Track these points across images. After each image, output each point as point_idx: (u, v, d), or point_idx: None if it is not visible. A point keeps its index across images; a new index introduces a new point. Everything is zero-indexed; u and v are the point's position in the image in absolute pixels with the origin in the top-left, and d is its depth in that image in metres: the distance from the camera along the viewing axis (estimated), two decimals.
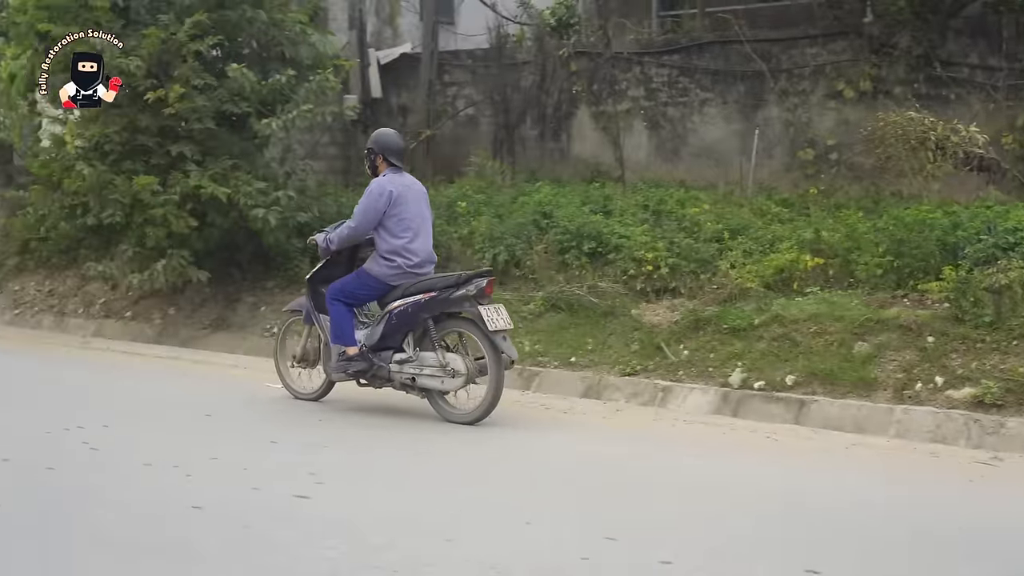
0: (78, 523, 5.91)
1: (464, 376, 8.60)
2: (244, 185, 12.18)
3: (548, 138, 16.23)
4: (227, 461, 7.26)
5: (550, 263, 11.86)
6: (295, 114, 12.54)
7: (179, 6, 12.84)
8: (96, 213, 12.47)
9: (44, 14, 12.56)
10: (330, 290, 9.08)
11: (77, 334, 13.43)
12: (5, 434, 7.86)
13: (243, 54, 13.41)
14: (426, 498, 6.53)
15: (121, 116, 12.51)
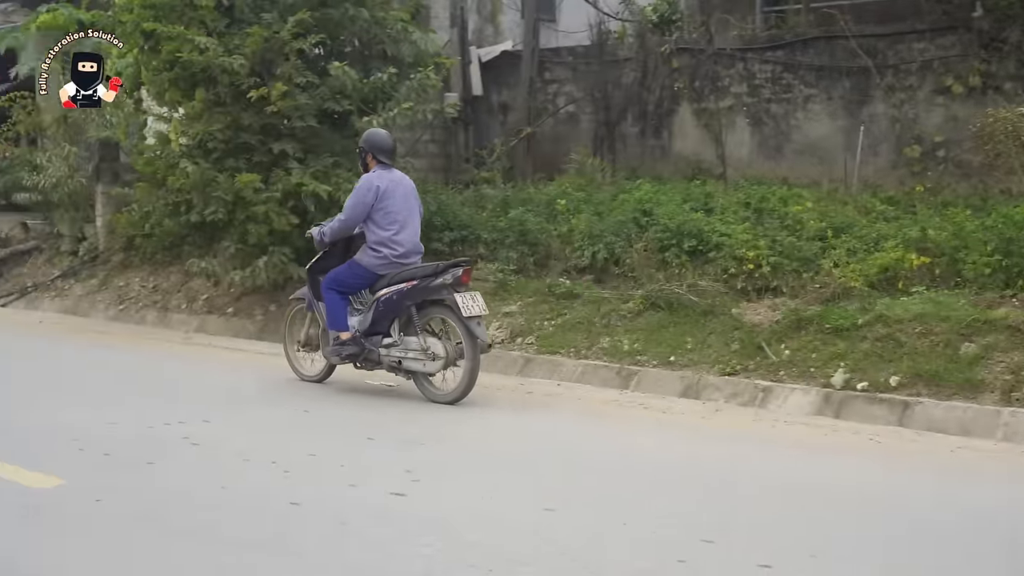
0: (177, 518, 5.97)
1: (444, 359, 9.21)
2: (344, 183, 12.21)
3: (649, 135, 16.12)
4: (324, 457, 7.29)
5: (650, 261, 11.76)
6: (396, 112, 12.57)
7: (282, 5, 12.92)
8: (199, 210, 12.60)
9: (149, 13, 12.70)
10: (325, 279, 9.71)
11: (180, 330, 13.59)
12: (108, 429, 7.96)
13: (345, 52, 13.46)
14: (521, 497, 6.50)
15: (225, 114, 12.62)
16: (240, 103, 12.59)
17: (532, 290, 12.11)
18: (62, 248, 16.92)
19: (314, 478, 6.78)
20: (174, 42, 12.38)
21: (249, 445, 7.57)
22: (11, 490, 6.42)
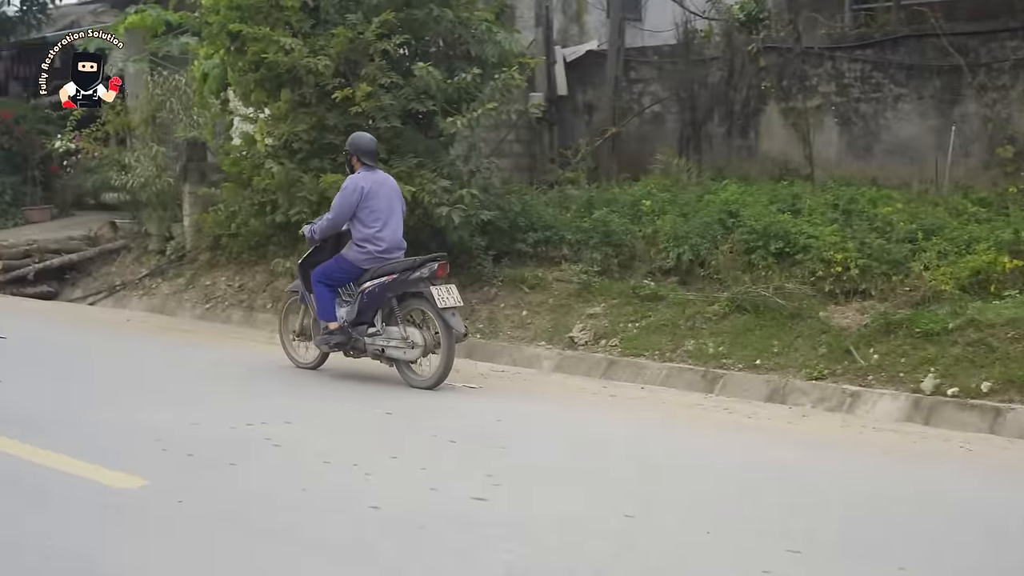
0: (258, 519, 5.97)
1: (422, 347, 9.90)
2: (428, 183, 12.21)
3: (735, 135, 15.96)
4: (406, 460, 7.27)
5: (735, 263, 11.63)
6: (480, 112, 12.53)
7: (367, 5, 12.92)
8: (284, 210, 12.65)
9: (236, 14, 12.77)
10: (314, 273, 10.43)
11: (264, 329, 13.64)
12: (191, 430, 8.00)
13: (429, 52, 13.46)
14: (603, 503, 6.42)
15: (309, 115, 12.66)
16: (325, 104, 12.62)
17: (616, 292, 12.03)
18: (150, 247, 17.10)
19: (395, 481, 6.76)
20: (260, 43, 12.43)
21: (330, 446, 7.57)
22: (93, 489, 6.46)
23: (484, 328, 12.25)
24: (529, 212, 13.48)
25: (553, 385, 10.42)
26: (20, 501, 6.27)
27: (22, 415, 8.35)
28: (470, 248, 12.98)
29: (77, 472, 6.80)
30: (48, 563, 5.30)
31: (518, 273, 12.83)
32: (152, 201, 17.10)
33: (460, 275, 13.06)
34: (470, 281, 12.97)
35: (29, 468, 6.94)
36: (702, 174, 15.17)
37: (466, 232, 12.63)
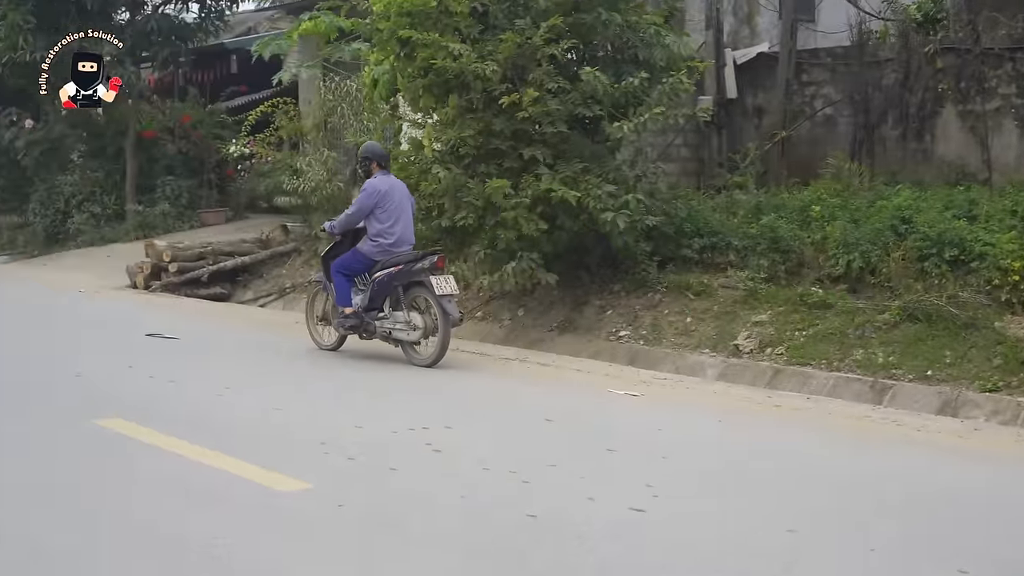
0: (416, 525, 6.00)
1: (422, 330, 11.24)
2: (594, 188, 12.16)
3: (910, 139, 15.55)
4: (564, 468, 7.22)
5: (907, 271, 11.31)
6: (647, 116, 12.42)
7: (536, 10, 12.94)
8: (450, 215, 12.72)
9: (406, 21, 12.89)
10: (333, 264, 11.82)
11: None
12: (354, 434, 8.09)
13: (597, 57, 13.41)
14: (764, 517, 6.30)
15: (476, 120, 12.71)
16: (492, 109, 12.66)
17: (783, 299, 11.82)
18: (319, 250, 17.37)
19: (553, 489, 6.73)
20: (429, 49, 12.53)
21: (490, 453, 7.56)
22: (258, 492, 6.58)
23: (647, 335, 12.15)
24: (695, 217, 13.34)
25: (716, 394, 10.28)
26: (188, 501, 6.41)
27: (192, 416, 8.55)
28: (635, 254, 12.89)
29: (243, 474, 6.93)
30: (214, 563, 5.41)
31: (683, 279, 12.70)
32: (322, 205, 17.41)
33: (623, 280, 13.02)
34: (634, 287, 12.89)
35: (198, 469, 7.10)
36: (874, 179, 14.80)
37: (631, 237, 12.53)
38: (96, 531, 5.90)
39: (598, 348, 12.23)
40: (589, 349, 12.27)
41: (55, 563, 5.42)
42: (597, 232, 12.61)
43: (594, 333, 12.58)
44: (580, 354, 12.15)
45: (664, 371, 11.35)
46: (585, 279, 13.36)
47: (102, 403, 9.06)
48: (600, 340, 12.39)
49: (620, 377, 10.80)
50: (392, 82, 13.80)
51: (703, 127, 16.67)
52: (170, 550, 5.59)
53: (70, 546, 5.65)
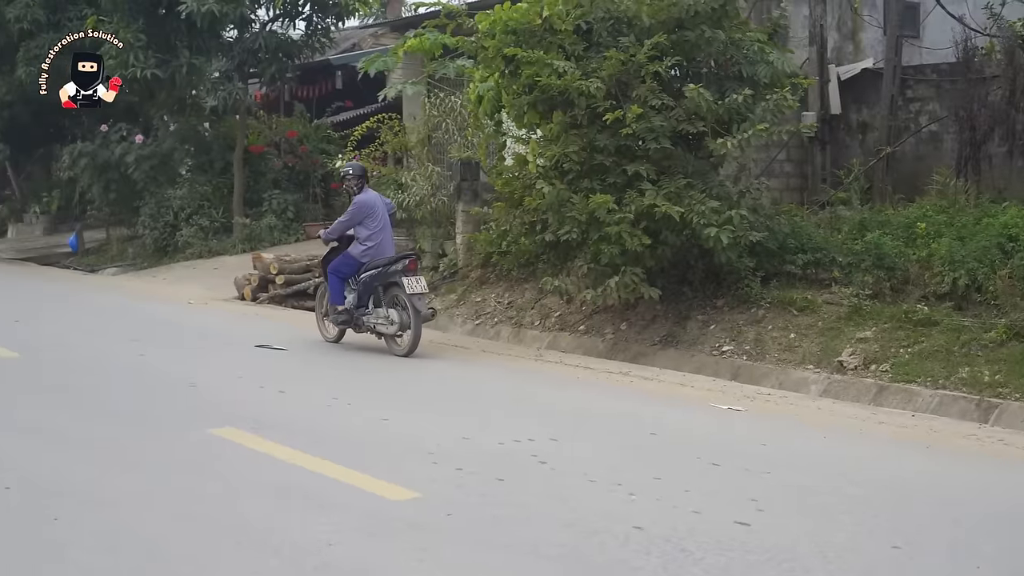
0: (524, 536, 6.10)
1: (398, 324, 12.79)
2: (697, 204, 12.18)
3: (1017, 156, 15.34)
4: (669, 482, 7.29)
5: (1015, 289, 11.19)
6: (751, 133, 12.44)
7: (639, 28, 13.01)
8: (554, 230, 12.81)
9: (511, 38, 13.04)
10: (328, 267, 13.60)
11: (532, 346, 13.88)
12: (461, 444, 8.23)
13: (700, 73, 13.44)
14: (868, 532, 6.31)
15: (580, 136, 12.81)
16: (596, 125, 12.75)
17: (888, 316, 11.75)
18: (423, 263, 17.57)
19: (658, 502, 6.80)
20: (534, 66, 12.67)
21: (595, 465, 7.65)
22: (370, 500, 6.74)
23: (750, 350, 12.15)
24: (799, 233, 13.30)
25: (820, 410, 10.26)
26: (302, 508, 6.58)
27: (302, 426, 8.75)
28: (738, 269, 12.89)
29: (354, 483, 7.10)
30: (329, 569, 5.57)
31: (786, 295, 12.67)
32: (426, 219, 17.64)
33: (726, 296, 13.02)
34: (737, 302, 12.88)
35: (309, 477, 7.28)
36: (980, 196, 14.64)
37: (734, 253, 12.52)
38: (213, 536, 6.09)
39: (701, 363, 12.26)
40: (692, 364, 12.30)
41: (174, 567, 5.61)
42: (700, 247, 12.63)
43: (697, 348, 12.60)
44: (682, 368, 12.18)
45: (767, 387, 11.33)
46: (688, 294, 13.38)
47: (215, 412, 9.30)
48: (703, 355, 12.41)
49: (723, 392, 10.83)
50: (497, 98, 13.94)
51: (807, 143, 16.63)
52: (287, 555, 5.75)
53: (188, 551, 5.85)
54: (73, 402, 9.88)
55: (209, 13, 21.44)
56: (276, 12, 24.26)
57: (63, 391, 10.47)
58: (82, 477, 7.31)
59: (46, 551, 5.85)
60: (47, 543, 5.97)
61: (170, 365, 11.94)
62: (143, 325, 15.12)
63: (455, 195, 17.06)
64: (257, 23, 24.19)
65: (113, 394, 10.29)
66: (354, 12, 24.89)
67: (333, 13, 24.16)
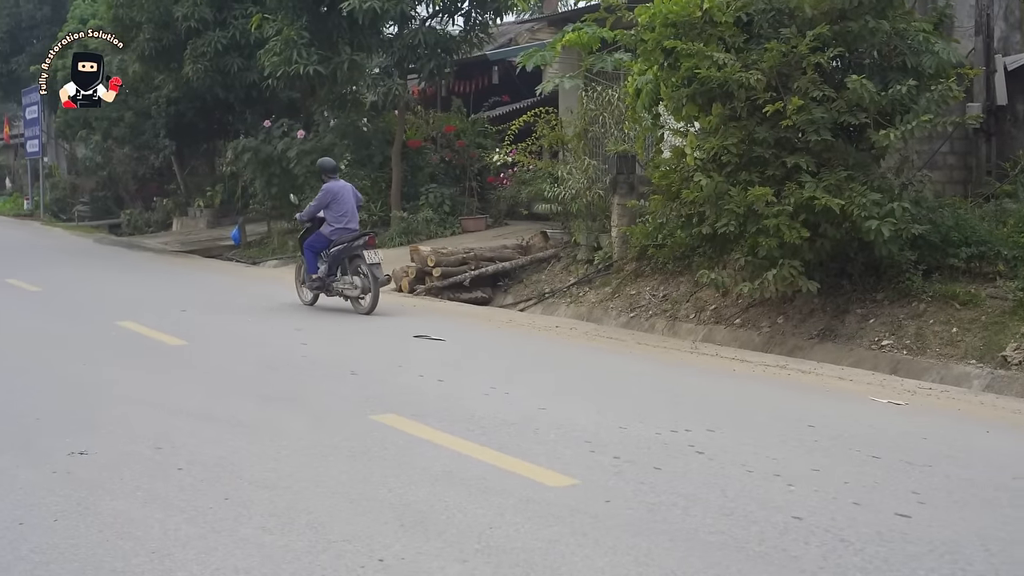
0: (682, 521, 6.13)
1: (360, 288, 15.56)
2: (858, 196, 12.04)
3: None
4: (828, 473, 7.24)
5: None
6: (914, 124, 12.23)
7: (801, 19, 12.90)
8: (711, 223, 12.78)
9: (670, 31, 13.04)
10: (304, 244, 16.39)
11: (687, 338, 13.84)
12: (618, 433, 8.27)
13: (863, 64, 13.25)
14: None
15: (739, 128, 12.74)
16: (755, 117, 12.69)
17: None
18: (578, 257, 17.66)
19: (817, 493, 6.75)
20: (693, 59, 12.65)
21: (753, 457, 7.62)
22: (529, 486, 6.81)
23: (911, 344, 11.96)
24: (963, 226, 13.04)
25: (983, 405, 10.06)
26: (464, 493, 6.68)
27: (462, 413, 8.86)
28: (899, 262, 12.69)
29: (513, 469, 7.19)
30: (491, 551, 5.67)
31: (949, 288, 12.43)
32: (582, 212, 17.68)
33: (886, 289, 12.83)
34: (897, 296, 12.69)
35: (470, 463, 7.39)
36: None
37: (895, 246, 12.33)
38: (378, 518, 6.22)
39: (859, 357, 12.10)
40: (850, 358, 12.15)
41: (341, 546, 5.75)
42: (860, 240, 12.48)
43: (855, 342, 12.44)
44: (841, 362, 12.04)
45: (928, 381, 11.16)
46: (847, 287, 13.22)
47: (376, 399, 9.49)
48: (861, 349, 12.26)
49: (882, 386, 10.68)
50: (655, 91, 13.92)
51: (971, 134, 16.26)
52: (449, 537, 5.86)
53: (354, 531, 5.99)
54: (240, 388, 10.17)
55: (370, 10, 21.77)
56: (435, 8, 24.52)
57: (230, 377, 10.79)
58: (250, 459, 7.52)
59: (219, 529, 6.04)
60: (220, 521, 6.17)
61: (331, 353, 12.21)
62: (303, 314, 15.49)
63: (611, 188, 17.08)
64: (416, 19, 24.47)
65: (278, 380, 10.56)
66: (511, 7, 24.98)
67: (491, 9, 24.31)
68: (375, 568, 5.47)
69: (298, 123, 26.57)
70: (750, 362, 11.95)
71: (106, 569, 5.48)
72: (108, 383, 10.47)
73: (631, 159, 16.87)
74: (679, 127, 14.19)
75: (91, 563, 5.56)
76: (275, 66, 22.92)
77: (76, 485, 6.91)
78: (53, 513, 6.34)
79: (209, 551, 5.70)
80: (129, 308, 15.97)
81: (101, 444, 7.94)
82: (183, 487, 6.85)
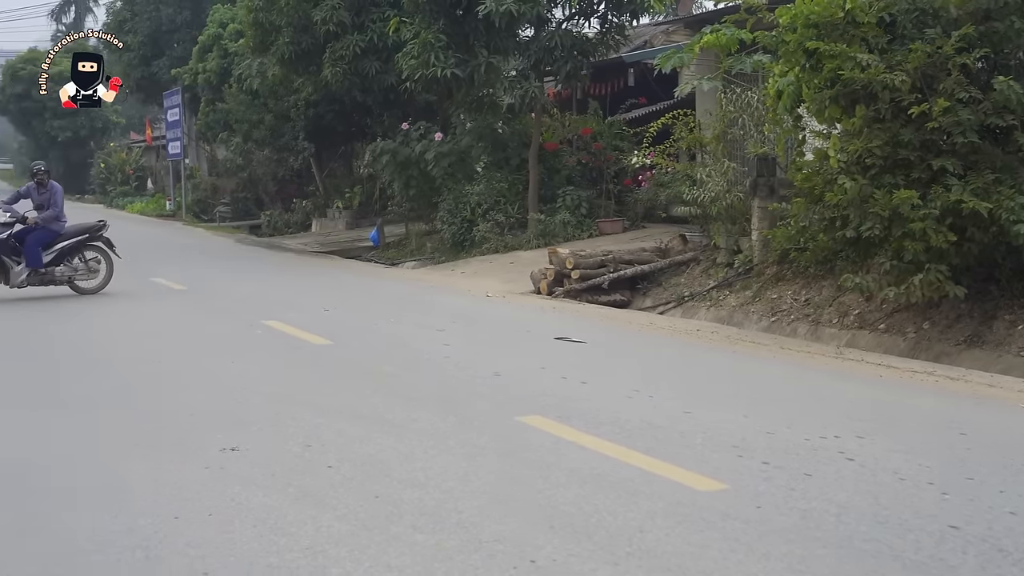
0: (832, 529, 6.14)
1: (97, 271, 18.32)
2: (1006, 200, 11.81)
3: None
4: (983, 482, 7.14)
5: None
6: None
7: (946, 20, 12.73)
8: (855, 226, 12.64)
9: (812, 32, 12.94)
10: (31, 240, 17.53)
11: (831, 343, 13.70)
12: (766, 439, 8.24)
13: (1009, 66, 13.02)
14: None
15: (883, 130, 12.59)
16: (899, 119, 12.52)
17: None
18: (718, 260, 17.58)
19: (972, 502, 6.68)
20: (836, 60, 12.54)
21: (904, 464, 7.55)
22: (677, 490, 6.84)
23: None
24: None
25: None
26: (612, 496, 6.73)
27: (607, 416, 8.91)
28: None
29: (662, 473, 7.23)
30: (643, 553, 5.74)
31: None
32: (721, 215, 17.60)
33: None
34: None
35: (617, 466, 7.44)
36: None
37: None
38: (527, 519, 6.31)
39: (1008, 364, 11.87)
40: (999, 365, 11.93)
41: (492, 547, 5.86)
42: (1008, 245, 12.23)
43: (1004, 348, 12.22)
44: (989, 369, 11.81)
45: None
46: (994, 293, 12.97)
47: (520, 401, 9.58)
48: (1010, 356, 12.02)
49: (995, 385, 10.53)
50: (797, 93, 13.81)
51: None
52: (599, 540, 5.94)
53: (503, 532, 6.10)
54: (385, 387, 10.33)
55: (507, 13, 21.90)
56: (572, 11, 24.60)
57: (375, 377, 10.96)
58: (399, 458, 7.67)
59: (371, 527, 6.18)
60: (371, 518, 6.31)
61: (474, 354, 12.33)
62: (445, 316, 15.62)
63: (751, 191, 16.97)
64: (552, 22, 24.57)
65: (422, 380, 10.70)
66: (647, 9, 24.94)
67: (628, 11, 24.31)
68: (527, 569, 5.55)
69: (435, 126, 26.85)
70: (897, 368, 11.79)
71: (261, 564, 5.64)
72: (257, 381, 10.74)
73: (771, 161, 16.75)
74: (821, 129, 14.07)
75: (246, 558, 5.73)
76: (412, 69, 23.18)
77: (229, 481, 7.14)
78: (207, 508, 6.56)
79: (361, 548, 5.84)
80: (273, 307, 16.33)
81: (252, 441, 8.18)
82: (333, 484, 7.02)
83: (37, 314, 16.06)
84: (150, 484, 7.08)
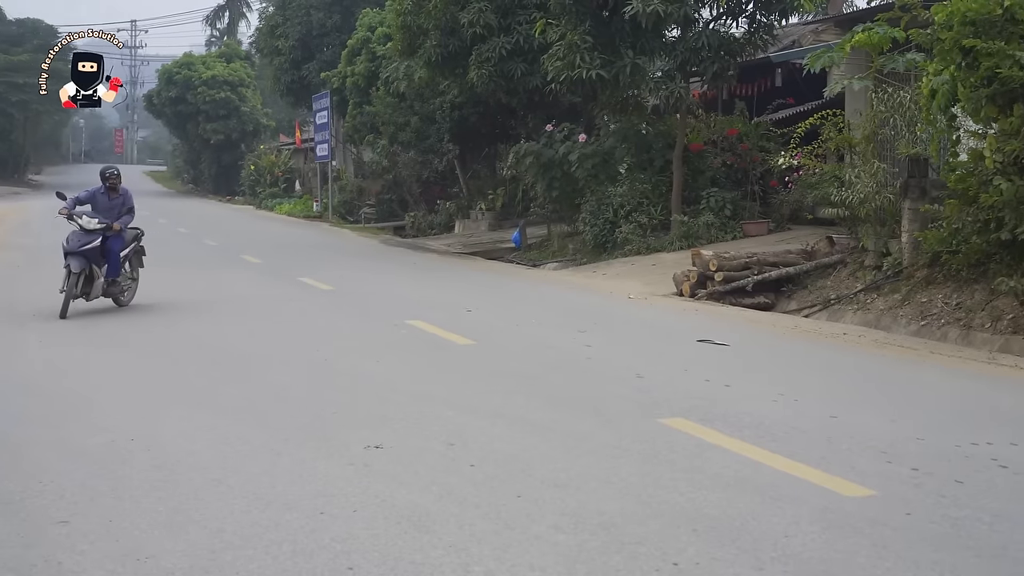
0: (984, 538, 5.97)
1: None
2: None
3: None
4: None
5: None
6: None
7: None
8: (1011, 228, 12.34)
9: (969, 30, 12.63)
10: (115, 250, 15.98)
11: (983, 349, 13.31)
12: (915, 445, 8.04)
13: None
14: None
15: None
16: None
17: None
18: (865, 262, 17.21)
19: None
20: (993, 58, 12.24)
21: None
22: (823, 496, 6.70)
23: None
24: None
25: None
26: (756, 500, 6.62)
27: (751, 420, 8.77)
28: None
29: (807, 477, 7.09)
30: (786, 560, 5.62)
31: None
32: (870, 217, 17.24)
33: None
34: None
35: (762, 470, 7.32)
36: None
37: None
38: (670, 521, 6.23)
39: None
40: None
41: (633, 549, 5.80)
42: None
43: None
44: None
45: None
46: None
47: (663, 403, 9.49)
48: None
49: None
50: (951, 92, 13.47)
51: None
52: (744, 544, 5.84)
53: (645, 534, 6.03)
54: (527, 388, 10.30)
55: (654, 13, 21.76)
56: (719, 10, 24.35)
57: (517, 377, 10.93)
58: (540, 458, 7.63)
59: (513, 526, 6.15)
60: (513, 518, 6.28)
61: (616, 356, 12.24)
62: (586, 317, 15.55)
63: (902, 192, 16.59)
64: (700, 22, 24.34)
65: (564, 381, 10.65)
66: (797, 8, 24.56)
67: (777, 10, 23.97)
68: (670, 572, 5.48)
69: (579, 127, 26.83)
70: None
71: (405, 561, 5.63)
72: (400, 379, 10.79)
73: (923, 162, 16.37)
74: (977, 129, 13.71)
75: (391, 554, 5.73)
76: (558, 71, 23.15)
77: (373, 477, 7.16)
78: (352, 504, 6.58)
79: (504, 547, 5.81)
80: (417, 307, 16.42)
81: (395, 438, 8.20)
82: (476, 483, 7.00)
83: (181, 319, 16.26)
84: (296, 480, 7.14)
